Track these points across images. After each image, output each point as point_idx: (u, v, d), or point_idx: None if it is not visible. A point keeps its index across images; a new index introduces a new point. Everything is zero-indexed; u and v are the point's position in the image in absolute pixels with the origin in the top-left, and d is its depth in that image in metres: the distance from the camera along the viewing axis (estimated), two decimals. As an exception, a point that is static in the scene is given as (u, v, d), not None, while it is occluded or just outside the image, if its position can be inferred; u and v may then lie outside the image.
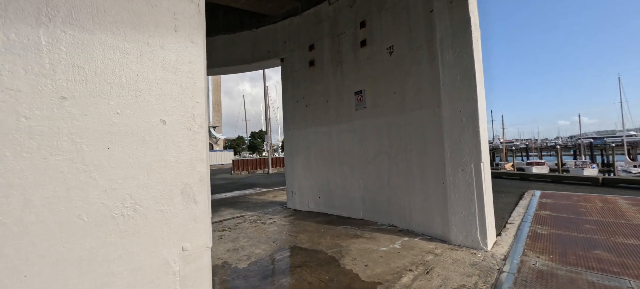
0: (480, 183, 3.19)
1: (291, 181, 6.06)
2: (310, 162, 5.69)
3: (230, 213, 5.78)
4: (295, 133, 5.97)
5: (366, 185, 4.73)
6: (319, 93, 5.54)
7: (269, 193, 8.52)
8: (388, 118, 4.36)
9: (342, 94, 5.14)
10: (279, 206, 6.38)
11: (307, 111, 5.74)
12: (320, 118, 5.51)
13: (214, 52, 6.80)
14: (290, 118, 6.09)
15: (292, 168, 6.03)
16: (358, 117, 4.85)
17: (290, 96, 6.07)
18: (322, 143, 5.48)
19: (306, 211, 5.71)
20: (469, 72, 3.25)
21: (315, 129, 5.59)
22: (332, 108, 5.30)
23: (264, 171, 20.08)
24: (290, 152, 6.10)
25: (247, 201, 7.23)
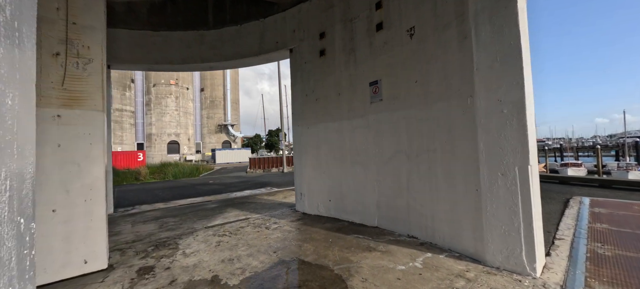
0: (526, 190, 2.53)
1: (300, 182, 5.60)
2: (321, 162, 5.18)
3: (235, 215, 5.42)
4: (305, 130, 5.49)
5: (382, 188, 4.16)
6: (330, 85, 5.01)
7: (280, 193, 8.13)
8: (408, 112, 3.76)
9: (355, 86, 4.58)
10: (288, 208, 5.95)
11: (318, 105, 5.23)
12: (331, 113, 4.99)
13: (221, 45, 6.47)
14: (299, 114, 5.62)
15: (301, 168, 5.56)
16: (373, 111, 4.28)
17: (299, 89, 5.59)
18: (333, 141, 4.96)
19: (315, 215, 5.22)
20: (513, 50, 2.58)
21: (326, 125, 5.07)
22: (344, 101, 4.76)
23: (279, 170, 19.87)
24: (299, 151, 5.63)
25: (255, 202, 6.87)
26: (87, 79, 3.08)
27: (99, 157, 3.09)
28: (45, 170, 2.81)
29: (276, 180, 13.08)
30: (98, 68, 3.15)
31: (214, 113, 42.64)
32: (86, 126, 3.04)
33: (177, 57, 6.57)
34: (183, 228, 4.64)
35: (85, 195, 3.00)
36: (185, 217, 5.47)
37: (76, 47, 3.03)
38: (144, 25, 6.52)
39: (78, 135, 2.99)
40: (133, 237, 4.25)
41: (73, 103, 2.99)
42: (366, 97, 4.39)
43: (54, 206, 2.84)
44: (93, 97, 3.10)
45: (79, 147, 2.99)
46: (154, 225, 4.94)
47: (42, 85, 2.84)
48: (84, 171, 3.01)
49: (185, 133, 38.09)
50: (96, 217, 3.06)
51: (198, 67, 6.76)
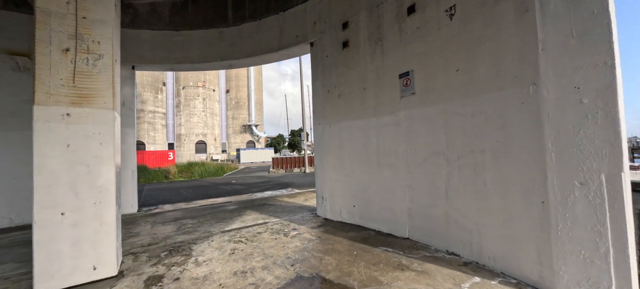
0: (618, 206, 1.91)
1: (321, 185, 5.20)
2: (344, 163, 4.75)
3: (253, 219, 5.16)
4: (327, 129, 5.08)
5: (414, 194, 3.63)
6: (354, 79, 4.56)
7: (301, 195, 7.81)
8: (446, 106, 3.20)
9: (382, 79, 4.08)
10: (308, 212, 5.58)
11: (340, 102, 4.80)
12: (355, 110, 4.53)
13: (240, 42, 6.28)
14: (320, 111, 5.22)
15: (323, 170, 5.16)
16: (404, 106, 3.76)
17: (321, 85, 5.20)
18: (357, 140, 4.50)
19: (338, 221, 4.79)
20: (598, 19, 1.97)
21: (350, 123, 4.62)
22: (370, 97, 4.28)
23: (301, 170, 19.68)
24: (320, 151, 5.24)
25: (275, 204, 6.60)
26: (97, 76, 2.93)
27: (109, 158, 2.93)
28: (54, 171, 2.68)
29: (298, 180, 12.83)
30: (108, 65, 2.99)
31: (239, 113, 43.76)
32: (96, 125, 2.89)
33: (198, 55, 6.49)
34: (200, 232, 4.45)
35: (95, 198, 2.85)
36: (203, 219, 5.32)
37: (86, 42, 2.89)
38: (166, 25, 6.52)
39: (87, 134, 2.85)
40: (149, 240, 4.12)
41: (82, 101, 2.84)
42: (395, 91, 3.88)
43: (63, 209, 2.70)
44: (103, 95, 2.94)
45: (88, 147, 2.84)
46: (172, 227, 4.82)
47: (52, 83, 2.71)
48: (93, 172, 2.85)
49: (212, 133, 39.48)
50: (106, 221, 2.90)
51: (218, 65, 6.63)
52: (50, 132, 2.68)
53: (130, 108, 6.34)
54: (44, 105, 2.67)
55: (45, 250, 2.62)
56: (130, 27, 6.33)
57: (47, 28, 2.72)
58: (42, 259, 2.60)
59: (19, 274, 3.02)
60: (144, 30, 6.39)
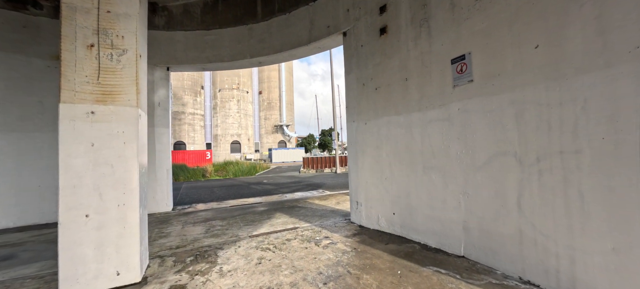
0: None
1: (356, 189, 4.71)
2: (382, 165, 4.20)
3: (283, 223, 4.85)
4: (361, 127, 4.58)
5: (472, 204, 2.98)
6: (393, 70, 4.00)
7: (332, 198, 7.38)
8: (519, 94, 2.52)
9: (429, 66, 3.48)
10: (341, 218, 5.12)
11: (377, 96, 4.27)
12: (395, 105, 3.97)
13: (269, 37, 6.04)
14: (354, 107, 4.73)
15: (357, 172, 4.67)
16: (457, 97, 3.12)
17: (355, 78, 4.71)
18: (398, 139, 3.93)
19: (375, 230, 4.27)
20: None
21: (389, 119, 4.07)
22: (413, 88, 3.69)
23: (332, 170, 19.27)
24: (354, 151, 4.75)
25: (306, 207, 6.26)
26: (121, 72, 2.80)
27: (133, 157, 2.78)
28: (79, 171, 2.58)
29: (329, 181, 12.44)
30: (132, 60, 2.85)
31: (271, 114, 44.80)
32: (119, 123, 2.75)
33: (227, 53, 6.40)
34: (227, 235, 4.25)
35: (118, 199, 2.71)
36: (233, 221, 5.15)
37: (110, 37, 2.77)
38: (198, 25, 6.54)
39: (111, 133, 2.72)
40: (178, 242, 4.01)
41: (107, 99, 2.72)
42: (446, 79, 3.26)
43: (87, 211, 2.60)
44: (127, 91, 2.81)
45: (112, 146, 2.71)
46: (201, 228, 4.71)
47: (77, 80, 2.62)
48: (117, 172, 2.72)
49: (246, 133, 40.92)
50: (130, 224, 2.75)
51: (247, 63, 6.48)
52: (75, 130, 2.59)
53: (165, 109, 6.47)
54: (70, 102, 2.59)
55: (70, 253, 2.52)
56: (165, 29, 6.45)
57: (72, 24, 2.64)
58: (67, 263, 2.51)
59: (52, 273, 3.02)
60: (177, 32, 6.48)
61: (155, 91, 6.38)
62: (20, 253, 3.73)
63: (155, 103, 6.35)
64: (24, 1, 4.89)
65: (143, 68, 3.08)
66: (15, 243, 4.20)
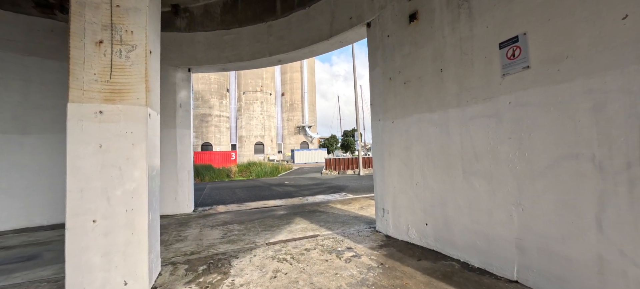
0: None
1: (382, 195, 4.26)
2: (412, 168, 3.73)
3: (302, 230, 4.53)
4: (388, 126, 4.13)
5: (528, 217, 2.43)
6: (425, 60, 3.52)
7: (356, 202, 6.95)
8: (598, 81, 1.96)
9: (469, 54, 2.97)
10: (365, 225, 4.70)
11: (406, 91, 3.80)
12: (428, 100, 3.49)
13: (289, 33, 5.78)
14: (379, 105, 4.30)
15: (383, 176, 4.22)
16: (508, 88, 2.59)
17: (380, 73, 4.27)
18: (431, 140, 3.44)
19: (404, 242, 3.79)
20: None
21: (420, 117, 3.59)
22: (450, 81, 3.19)
23: (355, 172, 18.73)
24: (380, 153, 4.31)
25: (327, 212, 5.90)
26: (130, 69, 2.65)
27: (141, 159, 2.61)
28: (86, 174, 2.45)
29: (352, 184, 11.97)
30: (141, 56, 2.68)
31: (293, 115, 45.11)
32: (128, 123, 2.59)
33: (247, 52, 6.25)
34: (244, 241, 4.02)
35: (126, 204, 2.55)
36: (250, 225, 4.94)
37: (119, 33, 2.63)
38: (217, 25, 6.47)
39: (119, 133, 2.57)
40: (193, 247, 3.84)
41: (115, 97, 2.58)
42: (493, 67, 2.73)
43: (95, 216, 2.46)
44: (136, 90, 2.64)
45: (120, 148, 2.56)
46: (218, 232, 4.54)
47: (85, 78, 2.50)
48: (125, 176, 2.56)
49: (269, 134, 41.56)
50: (138, 230, 2.58)
51: (266, 61, 6.29)
52: (82, 131, 2.46)
53: (186, 110, 6.47)
54: (78, 102, 2.47)
55: (77, 260, 2.39)
56: (186, 30, 6.46)
57: (81, 20, 2.52)
58: (74, 271, 2.37)
59: (67, 278, 2.94)
60: (198, 33, 6.45)
61: (177, 92, 6.40)
62: (45, 253, 3.77)
63: (176, 105, 6.36)
64: (52, 6, 5.07)
65: (154, 66, 2.92)
66: (43, 241, 4.30)
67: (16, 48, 5.41)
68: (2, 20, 5.34)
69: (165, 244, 4.00)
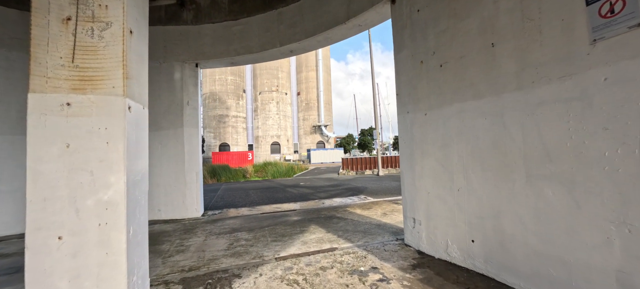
0: None
1: (412, 201, 3.57)
2: (451, 171, 3.01)
3: (318, 241, 3.93)
4: (419, 119, 3.43)
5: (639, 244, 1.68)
6: (469, 35, 2.80)
7: (377, 206, 6.25)
8: None
9: (536, 18, 2.22)
10: (391, 236, 4.02)
11: (443, 75, 3.09)
12: (473, 85, 2.77)
13: (301, 20, 5.21)
14: (408, 94, 3.60)
15: (414, 179, 3.52)
16: (601, 59, 1.84)
17: (408, 56, 3.58)
18: (478, 134, 2.72)
19: (443, 261, 3.09)
20: None
21: (462, 106, 2.87)
22: (506, 57, 2.46)
23: (373, 172, 17.90)
24: (409, 151, 3.61)
25: (346, 218, 5.26)
26: (104, 51, 2.16)
27: (118, 161, 2.12)
28: (51, 180, 1.99)
29: (371, 185, 11.23)
30: (118, 36, 2.20)
31: (309, 115, 44.72)
32: (101, 117, 2.11)
33: (256, 44, 5.76)
34: (250, 255, 3.49)
35: (100, 217, 2.07)
36: (260, 234, 4.41)
37: (91, 8, 2.15)
38: (225, 16, 6.03)
39: (91, 130, 2.09)
40: (193, 261, 3.36)
41: (86, 86, 2.11)
42: (575, 33, 1.99)
43: (61, 231, 1.99)
44: (111, 76, 2.16)
45: (92, 148, 2.08)
46: (224, 242, 4.06)
47: (49, 63, 2.04)
48: (99, 182, 2.08)
49: (285, 134, 41.45)
50: (114, 249, 2.09)
51: (277, 52, 5.75)
52: (46, 127, 2.01)
53: (194, 108, 6.08)
54: (41, 92, 2.01)
55: (39, 287, 1.94)
56: (193, 23, 6.07)
57: (44, -9, 2.07)
58: (35, 300, 1.92)
59: (44, 300, 2.53)
60: (205, 25, 6.05)
61: (184, 89, 6.03)
62: (36, 265, 3.44)
63: (183, 102, 5.99)
64: None
65: (136, 49, 2.43)
66: (41, 250, 4.01)
67: (22, 47, 5.25)
68: (8, 19, 5.19)
69: (163, 257, 3.56)
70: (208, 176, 18.22)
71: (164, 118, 5.95)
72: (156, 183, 5.86)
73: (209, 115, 38.47)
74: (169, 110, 5.96)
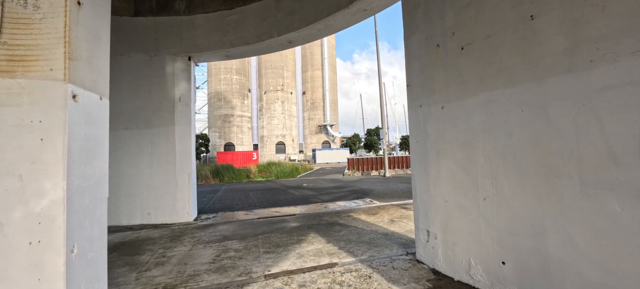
0: None
1: (425, 210, 3.04)
2: (476, 175, 2.48)
3: (316, 253, 3.44)
4: (435, 113, 2.90)
5: None
6: (499, 7, 2.26)
7: (384, 211, 5.72)
8: None
9: (597, -24, 1.68)
10: (401, 250, 3.50)
11: (465, 60, 2.56)
12: (505, 69, 2.23)
13: (300, 6, 4.74)
14: (421, 83, 3.08)
15: (428, 184, 2.99)
16: None
17: (422, 39, 3.05)
18: (511, 130, 2.18)
19: (464, 284, 2.55)
20: None
21: (490, 97, 2.34)
22: (551, 31, 1.92)
23: (380, 173, 17.31)
24: (423, 152, 3.08)
25: (349, 225, 4.76)
26: (40, 25, 1.72)
27: (56, 163, 1.68)
28: (-35, 188, 1.56)
29: (377, 187, 10.68)
30: (59, 6, 1.75)
31: (314, 114, 44.25)
32: (34, 107, 1.67)
33: (252, 34, 5.31)
34: (237, 270, 3.03)
35: (31, 233, 1.63)
36: (253, 243, 3.95)
37: (23, -30, 1.72)
38: (220, 5, 5.60)
39: (20, 123, 1.65)
40: (171, 277, 2.92)
41: (15, 68, 1.67)
42: (659, -12, 1.44)
43: (-22, 252, 1.56)
44: (49, 56, 1.72)
45: (21, 145, 1.65)
46: (211, 253, 3.61)
47: (-33, 38, 1.62)
48: (30, 188, 1.64)
49: (290, 134, 41.07)
50: (48, 274, 1.65)
51: (274, 42, 5.29)
52: (-39, 120, 1.58)
53: (187, 105, 5.67)
54: (-45, 75, 1.59)
55: (-54, 325, 1.51)
56: (186, 13, 5.67)
57: (-37, -52, 1.64)
58: (-60, 342, 1.49)
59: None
60: (199, 15, 5.63)
61: (176, 84, 5.63)
62: None
63: (175, 98, 5.59)
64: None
65: (87, 24, 1.98)
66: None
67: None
68: None
69: (139, 270, 3.12)
70: (211, 177, 17.93)
71: (155, 115, 5.56)
72: (146, 185, 5.47)
73: (214, 115, 38.39)
74: (160, 106, 5.57)
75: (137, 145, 5.49)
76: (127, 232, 4.81)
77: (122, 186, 5.38)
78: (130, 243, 4.20)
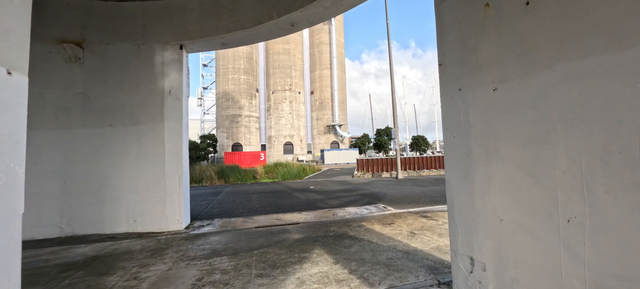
0: None
1: (468, 230, 2.26)
2: (553, 183, 1.69)
3: (320, 281, 2.72)
4: (483, 96, 2.13)
5: None
6: None
7: (401, 220, 4.94)
8: None
9: None
10: (430, 277, 2.73)
11: (532, 20, 1.78)
12: (605, 25, 1.44)
13: (304, -20, 4.02)
14: (461, 59, 2.31)
15: (473, 195, 2.21)
16: None
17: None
18: (623, 116, 1.40)
19: (533, 342, 1.77)
20: None
21: (579, 68, 1.56)
22: None
23: (391, 175, 16.42)
24: (463, 150, 2.31)
25: (361, 238, 4.02)
26: None
27: None
28: None
29: (391, 190, 9.86)
30: None
31: (323, 114, 43.52)
32: None
33: (250, 17, 4.64)
34: (218, 304, 2.33)
35: None
36: (244, 261, 3.27)
37: None
38: (214, -15, 4.96)
39: None
40: (133, 312, 2.25)
41: None
42: None
43: None
44: None
45: None
46: (192, 275, 2.95)
47: None
48: None
49: (298, 134, 40.47)
50: None
51: (275, 26, 4.61)
52: None
53: (178, 98, 5.07)
54: None
55: None
56: (177, -4, 5.06)
57: None
58: None
59: None
60: None
61: (166, 75, 5.03)
62: None
63: (164, 91, 4.99)
64: None
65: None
66: None
67: None
68: None
69: (99, 299, 2.48)
70: (215, 178, 17.48)
71: (141, 111, 4.97)
72: (132, 189, 4.88)
73: (222, 115, 38.20)
74: (147, 100, 4.98)
75: (123, 143, 4.91)
76: (108, 242, 4.22)
77: (106, 190, 4.82)
78: (104, 257, 3.60)
